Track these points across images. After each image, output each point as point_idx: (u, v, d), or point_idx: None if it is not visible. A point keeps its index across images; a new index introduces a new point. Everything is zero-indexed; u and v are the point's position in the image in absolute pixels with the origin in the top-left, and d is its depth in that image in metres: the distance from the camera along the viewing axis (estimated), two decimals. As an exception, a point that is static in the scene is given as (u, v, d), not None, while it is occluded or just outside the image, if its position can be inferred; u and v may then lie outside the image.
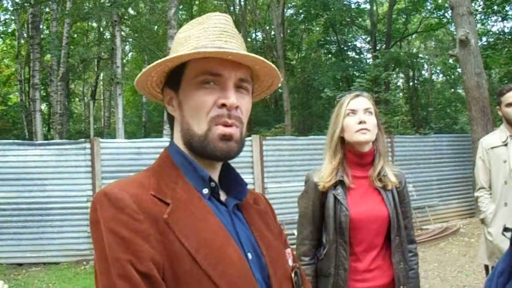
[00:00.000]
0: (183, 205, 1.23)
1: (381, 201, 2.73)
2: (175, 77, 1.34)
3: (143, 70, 1.33)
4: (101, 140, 10.48)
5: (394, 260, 2.69)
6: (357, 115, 2.74)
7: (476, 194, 4.61)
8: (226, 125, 1.28)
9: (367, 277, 2.66)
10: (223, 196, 1.37)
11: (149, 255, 1.12)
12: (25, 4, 18.38)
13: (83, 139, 10.54)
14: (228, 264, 1.21)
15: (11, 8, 21.48)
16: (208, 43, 1.29)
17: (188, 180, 1.30)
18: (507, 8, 20.15)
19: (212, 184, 1.31)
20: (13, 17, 22.61)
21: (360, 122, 2.71)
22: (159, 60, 1.29)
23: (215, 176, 1.37)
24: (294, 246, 2.64)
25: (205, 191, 1.30)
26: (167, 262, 1.15)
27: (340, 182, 2.73)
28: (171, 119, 1.41)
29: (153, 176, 1.28)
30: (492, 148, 4.46)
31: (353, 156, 2.79)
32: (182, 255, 1.16)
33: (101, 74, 26.62)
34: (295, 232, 2.97)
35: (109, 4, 18.07)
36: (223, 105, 1.28)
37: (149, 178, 1.27)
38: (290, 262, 1.46)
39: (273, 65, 1.36)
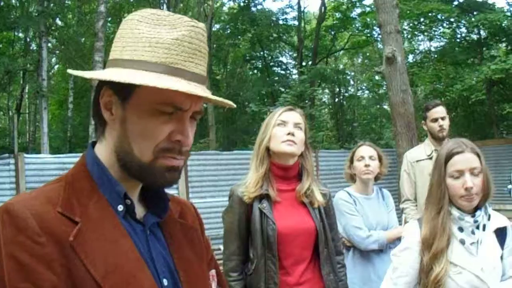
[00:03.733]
0: (93, 224, 1.12)
1: (308, 214, 2.74)
2: (126, 87, 1.15)
3: (94, 72, 1.24)
4: (25, 155, 10.10)
5: (323, 272, 2.71)
6: (286, 127, 2.76)
7: (402, 205, 4.73)
8: (174, 158, 1.20)
9: None
10: (141, 213, 1.26)
11: (51, 284, 1.02)
12: None
13: (7, 155, 10.19)
14: None
15: None
16: (179, 61, 1.15)
17: (103, 194, 1.18)
18: (434, 28, 20.88)
19: (128, 201, 1.20)
20: None
21: (289, 134, 2.73)
22: (120, 78, 1.11)
23: (136, 190, 1.27)
24: (221, 261, 2.62)
25: (120, 208, 1.19)
26: None
27: (266, 196, 2.70)
28: (102, 120, 1.24)
29: (64, 188, 1.17)
30: (417, 161, 4.63)
31: (277, 169, 2.79)
32: (87, 282, 1.06)
33: (27, 87, 25.82)
34: (221, 247, 2.93)
35: (36, 14, 17.58)
36: (178, 141, 1.18)
37: (59, 190, 1.17)
38: (213, 286, 1.40)
39: (233, 105, 1.29)
